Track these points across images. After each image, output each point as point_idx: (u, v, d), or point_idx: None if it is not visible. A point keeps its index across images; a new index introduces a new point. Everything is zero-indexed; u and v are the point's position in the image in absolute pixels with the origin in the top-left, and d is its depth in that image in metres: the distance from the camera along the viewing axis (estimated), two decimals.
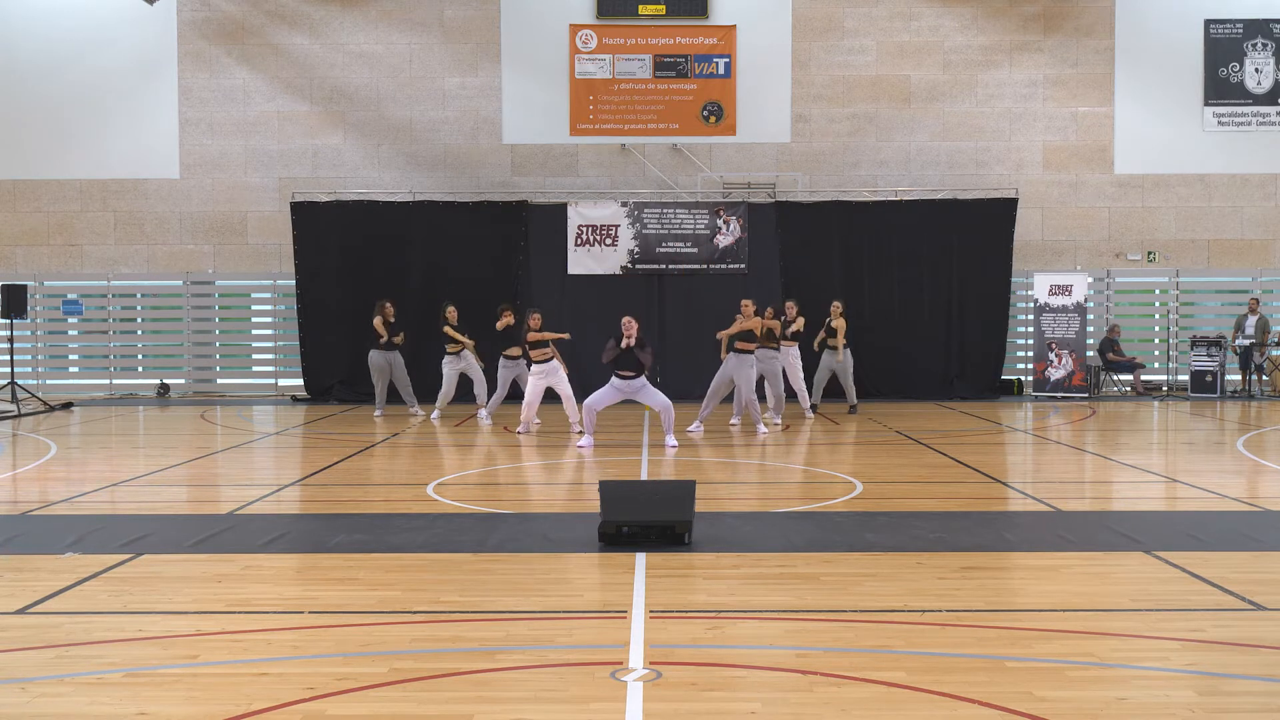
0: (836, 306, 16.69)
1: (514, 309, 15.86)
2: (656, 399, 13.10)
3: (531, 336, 14.29)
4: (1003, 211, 19.79)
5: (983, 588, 6.34)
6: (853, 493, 9.58)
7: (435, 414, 16.23)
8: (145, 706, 4.46)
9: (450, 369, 16.16)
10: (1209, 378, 19.42)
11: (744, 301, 14.59)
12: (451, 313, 16.09)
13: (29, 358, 21.31)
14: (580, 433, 13.48)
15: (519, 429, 14.33)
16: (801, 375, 16.19)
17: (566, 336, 15.11)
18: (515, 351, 15.31)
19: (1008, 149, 20.78)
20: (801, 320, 16.03)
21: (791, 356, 15.94)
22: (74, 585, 6.35)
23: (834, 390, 17.12)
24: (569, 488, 10.43)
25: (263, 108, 20.74)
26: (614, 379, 13.11)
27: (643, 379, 13.12)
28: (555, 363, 14.37)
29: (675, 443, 12.82)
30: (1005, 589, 6.49)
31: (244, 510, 8.83)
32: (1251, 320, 19.62)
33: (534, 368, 14.36)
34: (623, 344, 12.90)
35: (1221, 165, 20.81)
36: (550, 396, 14.72)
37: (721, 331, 14.60)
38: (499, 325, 15.44)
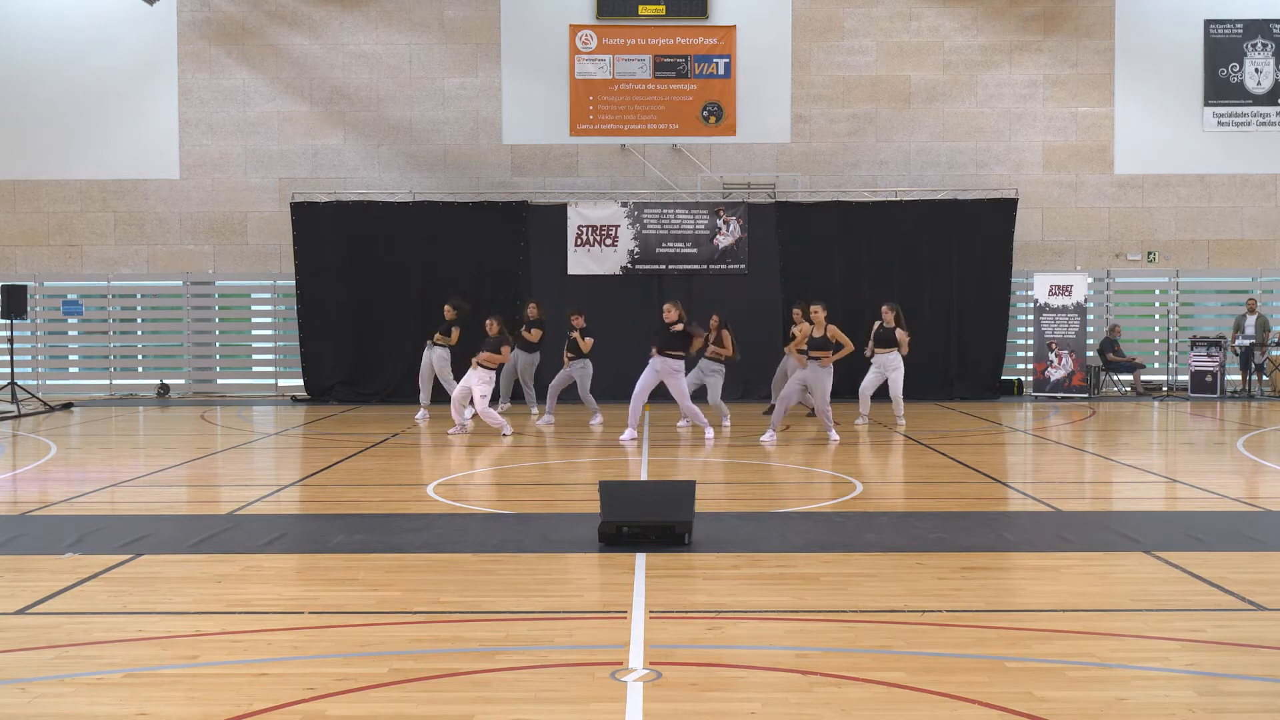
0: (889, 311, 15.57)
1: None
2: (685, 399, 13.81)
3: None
4: (1003, 212, 19.78)
5: (983, 588, 6.34)
6: (853, 493, 9.58)
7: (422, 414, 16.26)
8: (145, 706, 4.45)
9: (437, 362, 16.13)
10: (1209, 378, 19.41)
11: (815, 307, 13.72)
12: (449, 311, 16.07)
13: (29, 358, 21.31)
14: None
15: (451, 430, 14.21)
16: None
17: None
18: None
19: (1007, 149, 20.77)
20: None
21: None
22: (74, 585, 6.35)
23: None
24: (569, 488, 10.43)
25: (263, 108, 20.73)
26: (657, 359, 13.49)
27: (682, 363, 13.64)
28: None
29: (712, 433, 13.79)
30: (1005, 589, 6.49)
31: (244, 510, 8.83)
32: (1250, 320, 19.61)
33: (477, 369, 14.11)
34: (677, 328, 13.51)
35: (1221, 165, 20.81)
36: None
37: (791, 346, 14.44)
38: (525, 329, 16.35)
